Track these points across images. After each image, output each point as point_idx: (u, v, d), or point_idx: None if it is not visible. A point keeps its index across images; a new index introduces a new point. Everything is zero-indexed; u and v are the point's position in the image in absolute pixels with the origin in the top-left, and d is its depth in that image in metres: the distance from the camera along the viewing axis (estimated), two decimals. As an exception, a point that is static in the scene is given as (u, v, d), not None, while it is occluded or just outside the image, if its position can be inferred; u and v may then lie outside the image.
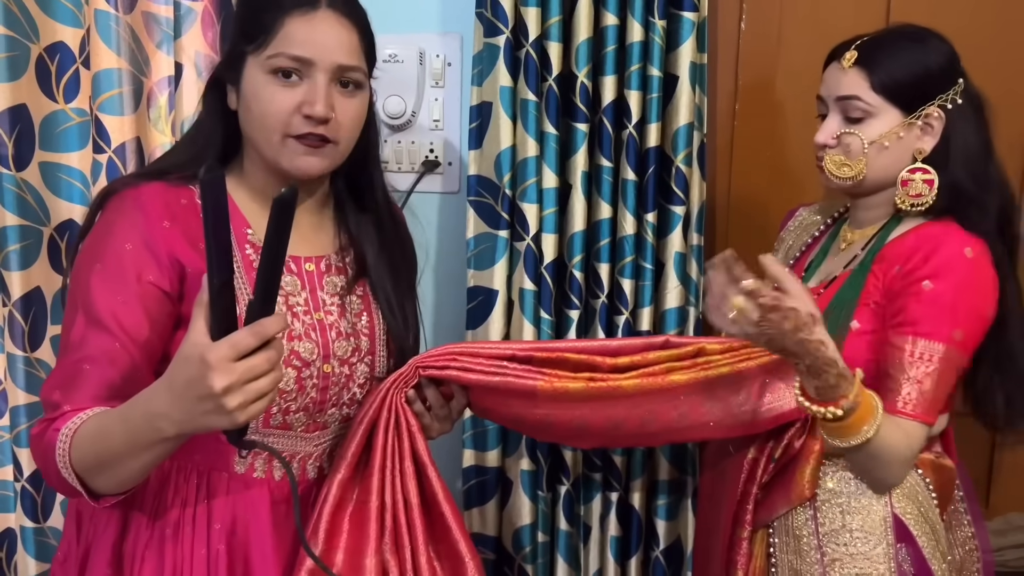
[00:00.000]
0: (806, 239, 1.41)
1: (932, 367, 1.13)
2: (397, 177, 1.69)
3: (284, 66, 1.03)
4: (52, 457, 0.94)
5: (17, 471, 1.58)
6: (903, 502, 1.19)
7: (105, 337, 0.96)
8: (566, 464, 1.62)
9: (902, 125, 1.20)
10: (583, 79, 1.51)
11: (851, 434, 1.10)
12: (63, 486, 0.96)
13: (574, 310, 1.57)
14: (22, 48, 1.49)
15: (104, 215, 1.04)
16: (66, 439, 0.93)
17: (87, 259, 1.01)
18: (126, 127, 1.55)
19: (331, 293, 1.13)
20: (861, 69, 1.21)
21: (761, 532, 1.27)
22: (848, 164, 1.23)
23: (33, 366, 1.57)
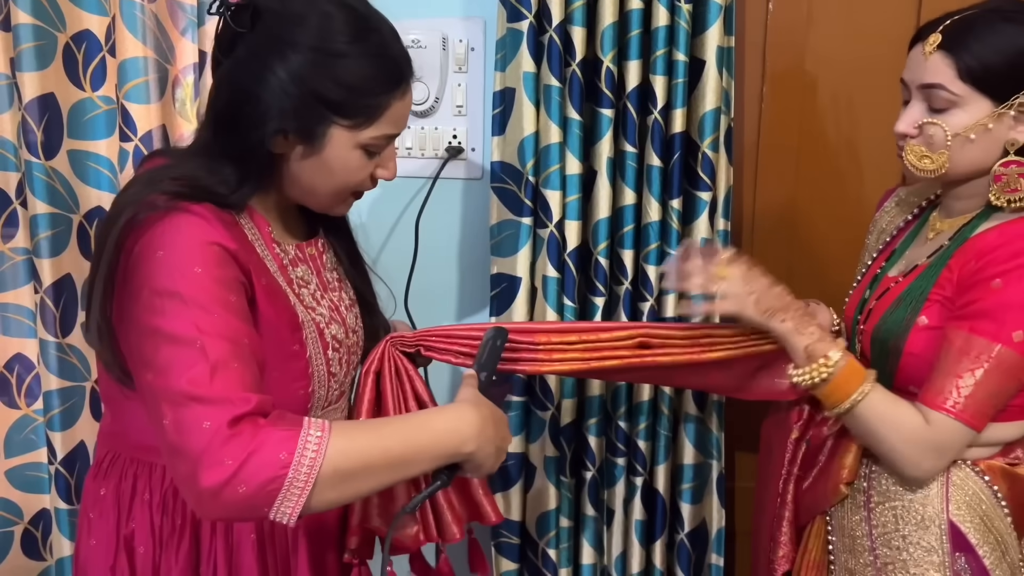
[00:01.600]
0: (898, 223, 1.35)
1: (980, 366, 1.08)
2: (420, 163, 1.68)
3: (381, 146, 1.04)
4: (272, 461, 0.84)
5: (51, 454, 1.62)
6: (962, 510, 1.14)
7: (234, 336, 0.90)
8: (591, 449, 1.62)
9: (992, 116, 1.10)
10: (608, 64, 1.50)
11: (844, 395, 1.13)
12: (261, 492, 0.84)
13: (599, 297, 1.56)
14: (49, 37, 1.50)
15: (164, 229, 0.93)
16: (318, 441, 0.86)
17: (178, 270, 0.91)
18: (152, 115, 1.56)
19: (330, 269, 1.17)
20: (946, 54, 1.11)
21: (819, 526, 1.26)
22: (929, 156, 1.14)
23: (65, 352, 1.60)
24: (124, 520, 1.06)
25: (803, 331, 1.18)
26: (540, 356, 1.23)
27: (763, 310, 1.19)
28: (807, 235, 1.72)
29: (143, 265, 0.92)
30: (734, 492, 1.78)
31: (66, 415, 1.61)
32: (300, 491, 0.85)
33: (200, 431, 0.84)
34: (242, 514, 0.89)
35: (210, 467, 0.83)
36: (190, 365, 0.87)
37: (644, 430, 1.60)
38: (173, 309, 0.89)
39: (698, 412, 1.61)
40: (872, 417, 1.14)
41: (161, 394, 0.88)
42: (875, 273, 1.29)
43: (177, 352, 0.88)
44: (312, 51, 0.96)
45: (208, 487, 0.83)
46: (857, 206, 1.69)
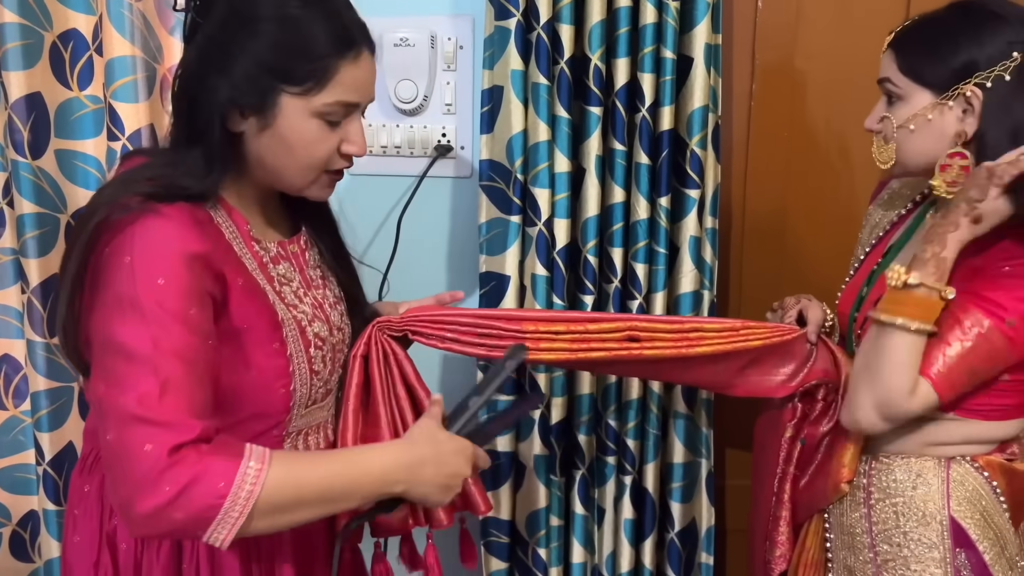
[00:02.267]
0: (892, 216, 1.35)
1: (969, 340, 1.07)
2: (409, 162, 1.68)
3: (335, 114, 1.01)
4: (210, 490, 0.86)
5: (39, 455, 1.61)
6: (962, 506, 1.15)
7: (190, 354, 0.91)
8: (580, 448, 1.62)
9: (931, 106, 1.14)
10: (596, 62, 1.49)
11: (902, 311, 1.07)
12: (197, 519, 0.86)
13: (588, 295, 1.56)
14: (36, 36, 1.50)
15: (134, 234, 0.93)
16: (256, 474, 0.88)
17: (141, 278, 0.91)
18: (140, 114, 1.55)
19: (313, 267, 1.17)
20: (892, 51, 1.17)
21: (816, 524, 1.26)
22: (885, 148, 1.20)
23: (53, 352, 1.59)
24: (107, 517, 1.06)
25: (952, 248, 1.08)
26: (528, 344, 1.21)
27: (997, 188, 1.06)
28: (797, 232, 1.72)
29: (109, 270, 0.92)
30: (724, 490, 1.78)
31: (54, 416, 1.61)
32: (235, 520, 0.87)
33: (141, 454, 0.85)
34: (172, 536, 0.92)
35: (147, 492, 0.85)
36: (140, 383, 0.88)
37: (633, 428, 1.60)
38: (132, 322, 0.89)
39: (687, 410, 1.61)
40: (898, 351, 1.08)
41: (109, 408, 0.88)
42: (871, 268, 1.29)
43: (130, 368, 0.88)
44: (257, 21, 0.97)
45: (142, 512, 0.85)
46: (847, 202, 1.69)
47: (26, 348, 1.59)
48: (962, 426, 1.15)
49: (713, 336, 1.26)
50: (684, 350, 1.25)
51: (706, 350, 1.25)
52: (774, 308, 1.40)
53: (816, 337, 1.28)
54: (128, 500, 0.86)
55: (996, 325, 1.07)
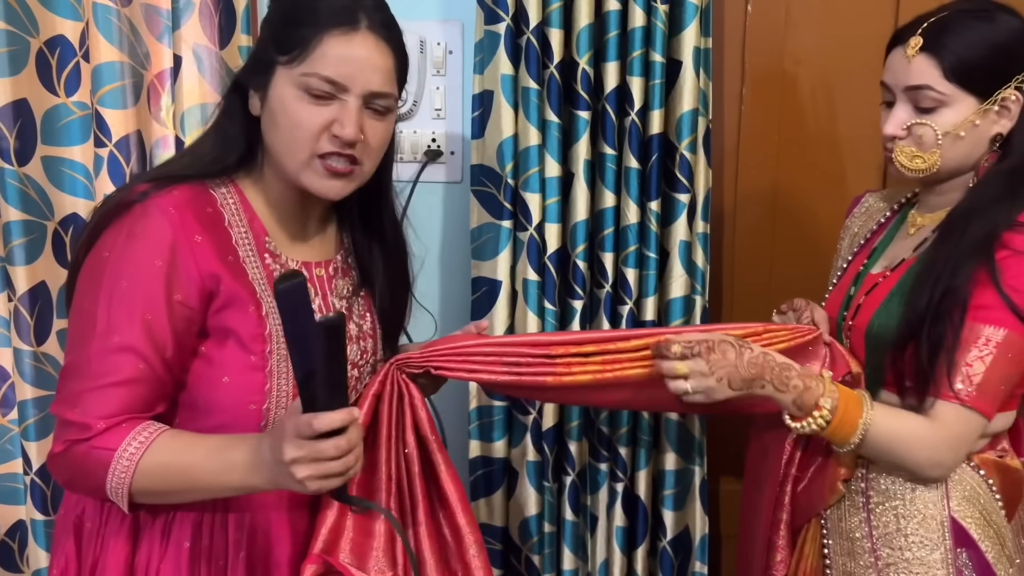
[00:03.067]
0: (872, 226, 1.35)
1: (989, 353, 1.08)
2: (399, 167, 1.65)
3: (317, 87, 0.99)
4: (101, 474, 0.95)
5: (27, 464, 1.60)
6: (962, 505, 1.15)
7: (130, 357, 0.94)
8: (571, 455, 1.61)
9: (978, 112, 1.13)
10: (584, 66, 1.49)
11: (849, 432, 1.11)
12: (95, 495, 0.99)
13: (578, 300, 1.55)
14: (22, 42, 1.49)
15: (124, 226, 0.96)
16: (128, 462, 0.94)
17: (109, 275, 0.95)
18: (127, 120, 1.55)
19: (340, 297, 1.13)
20: (930, 56, 1.13)
21: (814, 530, 1.25)
22: (920, 156, 1.16)
23: (40, 360, 1.58)
24: (78, 502, 1.07)
25: (785, 388, 1.11)
26: (559, 369, 1.13)
27: (736, 388, 1.10)
28: (788, 235, 1.72)
29: (90, 261, 0.98)
30: (718, 495, 1.77)
31: (42, 425, 1.59)
32: (121, 486, 0.95)
33: (56, 439, 0.98)
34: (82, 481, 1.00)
35: (53, 470, 1.00)
36: (75, 377, 0.97)
37: (625, 435, 1.59)
38: (82, 321, 0.96)
39: (679, 416, 1.60)
40: (882, 440, 1.12)
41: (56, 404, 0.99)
42: (857, 271, 1.29)
43: (74, 359, 0.97)
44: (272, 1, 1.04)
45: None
46: (838, 205, 1.67)
47: (13, 356, 1.58)
48: None
49: None
50: None
51: None
52: (783, 310, 1.35)
53: (829, 337, 1.26)
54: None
55: (1012, 330, 1.08)
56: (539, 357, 1.13)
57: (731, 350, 1.10)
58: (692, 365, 1.10)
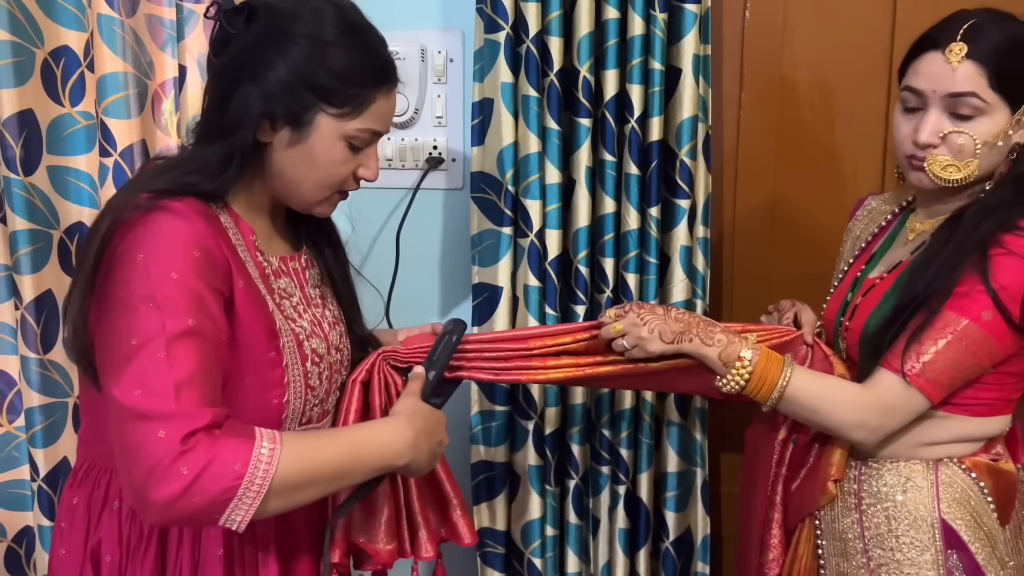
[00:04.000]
0: (873, 229, 1.36)
1: (944, 337, 1.10)
2: (401, 174, 1.69)
3: (364, 140, 1.07)
4: (238, 470, 0.87)
5: (34, 471, 1.61)
6: (953, 507, 1.16)
7: (203, 345, 0.92)
8: (574, 458, 1.63)
9: (1010, 122, 1.13)
10: (585, 74, 1.50)
11: (769, 388, 1.17)
12: (216, 502, 0.87)
13: (580, 305, 1.57)
14: (27, 53, 1.51)
15: (148, 228, 0.95)
16: (270, 454, 0.89)
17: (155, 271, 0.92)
18: (132, 130, 1.56)
19: (313, 286, 1.18)
20: (976, 63, 1.11)
21: (808, 531, 1.26)
22: (955, 165, 1.14)
23: (47, 368, 1.60)
24: (92, 529, 1.06)
25: (711, 342, 1.19)
26: (534, 363, 1.22)
27: (668, 340, 1.19)
28: (788, 240, 1.73)
29: (122, 268, 0.94)
30: (720, 497, 1.78)
31: (48, 431, 1.61)
32: (252, 501, 0.89)
33: (156, 442, 0.86)
34: (190, 522, 0.95)
35: (163, 480, 0.85)
36: (153, 376, 0.89)
37: (626, 438, 1.60)
38: (146, 316, 0.91)
39: (681, 419, 1.61)
40: (803, 396, 1.17)
41: (122, 401, 0.89)
42: (855, 276, 1.30)
43: (143, 361, 0.90)
44: (305, 39, 1.01)
45: (160, 499, 0.85)
46: (837, 210, 1.70)
47: (20, 364, 1.59)
48: (949, 424, 1.17)
49: None
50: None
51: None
52: (769, 311, 1.41)
53: (811, 339, 1.29)
54: (144, 490, 0.86)
55: (973, 321, 1.09)
56: (518, 351, 1.22)
57: (659, 307, 1.23)
58: (625, 321, 1.21)
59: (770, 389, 1.17)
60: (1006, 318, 1.09)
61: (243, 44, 1.02)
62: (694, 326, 1.20)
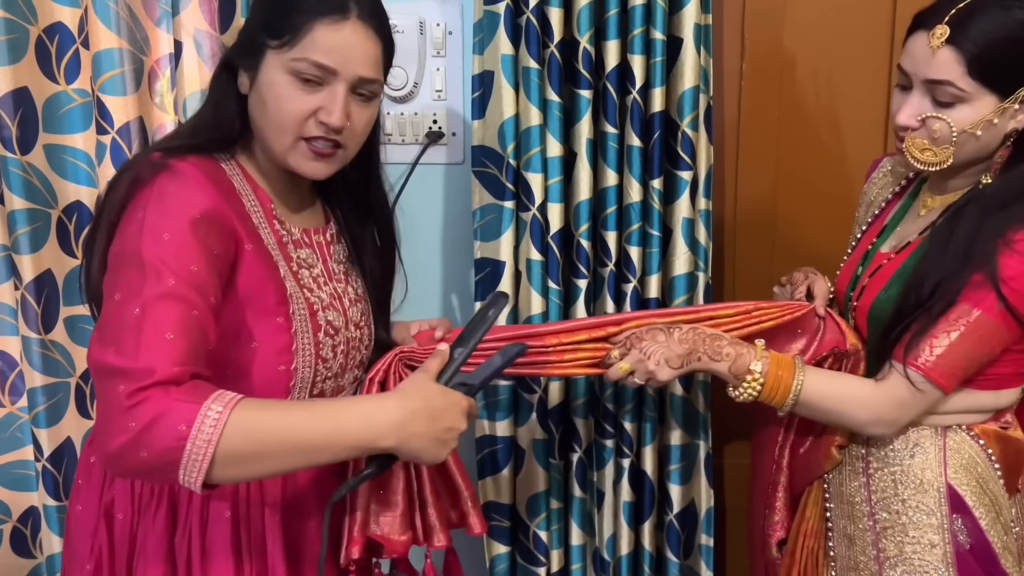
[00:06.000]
0: (887, 195, 1.34)
1: (956, 329, 1.09)
2: (401, 149, 1.67)
3: (306, 71, 1.03)
4: (181, 431, 0.86)
5: (37, 451, 1.61)
6: (959, 473, 1.17)
7: (182, 305, 0.92)
8: (578, 432, 1.63)
9: (997, 111, 1.09)
10: (585, 45, 1.49)
11: (784, 394, 1.17)
12: (162, 460, 0.87)
13: (582, 279, 1.56)
14: (21, 30, 1.49)
15: (154, 188, 0.97)
16: (217, 417, 0.87)
17: (148, 231, 0.94)
18: (128, 107, 1.54)
19: (337, 261, 1.18)
20: (955, 50, 1.07)
21: (816, 493, 1.28)
22: (932, 150, 1.13)
23: (48, 348, 1.59)
24: (107, 487, 1.08)
25: (719, 357, 1.20)
26: (552, 358, 1.23)
27: (677, 366, 1.20)
28: (790, 211, 1.73)
29: (125, 223, 0.97)
30: (723, 469, 1.79)
31: (51, 412, 1.61)
32: (199, 464, 0.88)
33: (114, 395, 0.88)
34: (148, 476, 0.95)
35: (115, 431, 0.87)
36: (125, 332, 0.90)
37: (630, 411, 1.60)
38: (130, 274, 0.93)
39: (684, 392, 1.61)
40: (818, 399, 1.18)
41: (94, 355, 0.91)
42: (866, 248, 1.30)
43: (119, 318, 0.91)
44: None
45: (112, 450, 0.87)
46: (840, 180, 1.70)
47: (21, 344, 1.59)
48: (959, 396, 1.17)
49: (727, 321, 1.26)
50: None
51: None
52: (782, 283, 1.40)
53: (823, 311, 1.29)
54: (102, 439, 0.89)
55: (985, 312, 1.09)
56: (536, 348, 1.22)
57: (660, 333, 1.21)
58: (630, 359, 1.21)
59: (784, 396, 1.18)
60: (1018, 321, 1.09)
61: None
62: (700, 344, 1.20)
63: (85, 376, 1.63)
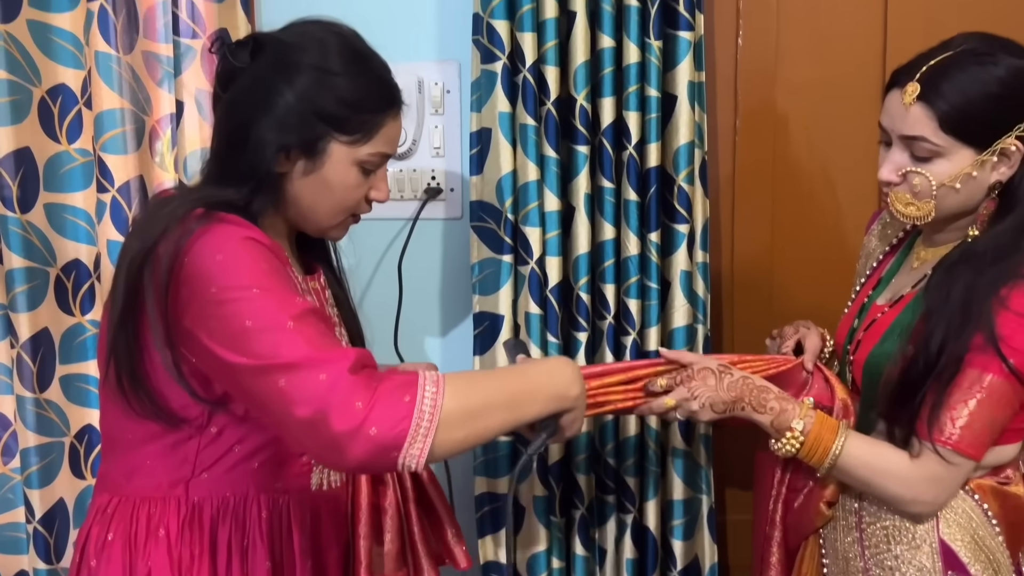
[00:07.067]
0: (884, 247, 1.35)
1: (973, 396, 1.08)
2: (400, 205, 1.69)
3: (375, 163, 1.09)
4: (397, 403, 0.89)
5: (29, 513, 1.58)
6: (952, 528, 1.15)
7: (310, 318, 0.95)
8: (580, 488, 1.61)
9: (975, 164, 1.10)
10: (582, 102, 1.51)
11: (822, 455, 1.16)
12: (392, 433, 0.88)
13: (582, 332, 1.56)
14: (24, 92, 1.51)
15: (214, 237, 0.97)
16: (435, 381, 0.92)
17: (243, 265, 0.95)
18: (129, 166, 1.56)
19: (331, 305, 1.22)
20: (926, 106, 1.09)
21: (812, 548, 1.26)
22: (915, 204, 1.14)
23: (43, 407, 1.58)
24: (139, 560, 1.05)
25: (763, 410, 1.18)
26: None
27: (720, 411, 1.19)
28: (787, 264, 1.74)
29: (203, 275, 0.95)
30: (726, 526, 1.76)
31: (44, 472, 1.59)
32: (427, 430, 0.89)
33: (320, 384, 0.88)
34: (373, 460, 0.90)
35: (342, 412, 0.87)
36: (289, 342, 0.91)
37: (632, 466, 1.58)
38: (253, 300, 0.93)
39: (685, 446, 1.60)
40: (856, 467, 1.16)
41: (269, 375, 0.90)
42: (863, 301, 1.30)
43: (273, 336, 0.92)
44: (314, 70, 1.04)
45: (343, 431, 0.87)
46: (836, 233, 1.71)
47: (15, 404, 1.57)
48: None
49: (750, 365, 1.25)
50: None
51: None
52: (773, 336, 1.40)
53: (812, 365, 1.29)
54: (323, 428, 0.87)
55: (996, 375, 1.08)
56: None
57: (711, 376, 1.19)
58: (676, 395, 1.19)
59: (823, 457, 1.16)
60: (1020, 380, 1.09)
61: (251, 77, 1.04)
62: (747, 394, 1.19)
63: (79, 435, 1.61)
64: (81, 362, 1.60)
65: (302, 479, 1.13)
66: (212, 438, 1.05)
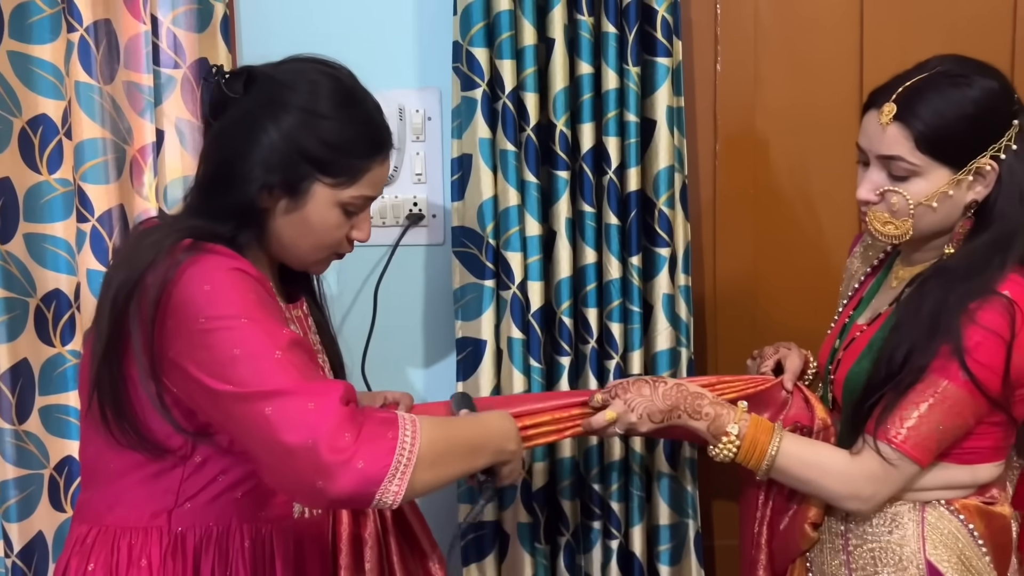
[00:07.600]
0: (866, 268, 1.36)
1: (925, 401, 1.10)
2: (382, 231, 1.69)
3: (359, 205, 1.10)
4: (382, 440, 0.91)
5: (7, 546, 1.56)
6: (939, 549, 1.15)
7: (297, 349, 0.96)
8: (564, 514, 1.60)
9: (951, 182, 1.12)
10: (561, 127, 1.52)
11: (759, 457, 1.17)
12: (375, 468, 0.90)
13: (565, 356, 1.56)
14: (4, 122, 1.51)
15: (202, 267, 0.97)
16: (412, 421, 0.95)
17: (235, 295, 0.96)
18: (110, 195, 1.56)
19: (313, 333, 1.22)
20: (903, 126, 1.11)
21: (799, 571, 1.26)
22: (892, 223, 1.15)
23: (22, 439, 1.56)
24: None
25: (698, 416, 1.20)
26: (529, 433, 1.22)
27: (657, 421, 1.21)
28: (770, 286, 1.74)
29: (190, 305, 0.95)
30: (713, 551, 1.75)
31: (23, 505, 1.57)
32: (405, 468, 0.92)
33: (308, 412, 0.90)
34: (356, 493, 0.91)
35: (332, 442, 0.89)
36: (277, 370, 0.92)
37: (617, 491, 1.58)
38: (241, 329, 0.94)
39: (671, 470, 1.59)
40: (793, 465, 1.18)
41: (255, 402, 0.91)
42: (844, 322, 1.31)
43: (260, 365, 0.93)
44: (301, 111, 1.04)
45: (332, 461, 0.88)
46: (818, 255, 1.72)
47: (-6, 436, 1.55)
48: (936, 471, 1.16)
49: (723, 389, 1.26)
50: None
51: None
52: (754, 356, 1.41)
53: (792, 385, 1.29)
54: (312, 458, 0.88)
55: (952, 382, 1.09)
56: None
57: (646, 386, 1.23)
58: (615, 407, 1.22)
59: (760, 459, 1.18)
60: (985, 395, 1.09)
61: (240, 111, 1.05)
62: (682, 401, 1.21)
63: (59, 467, 1.59)
64: (61, 393, 1.58)
65: (285, 507, 1.12)
66: (196, 468, 1.05)
